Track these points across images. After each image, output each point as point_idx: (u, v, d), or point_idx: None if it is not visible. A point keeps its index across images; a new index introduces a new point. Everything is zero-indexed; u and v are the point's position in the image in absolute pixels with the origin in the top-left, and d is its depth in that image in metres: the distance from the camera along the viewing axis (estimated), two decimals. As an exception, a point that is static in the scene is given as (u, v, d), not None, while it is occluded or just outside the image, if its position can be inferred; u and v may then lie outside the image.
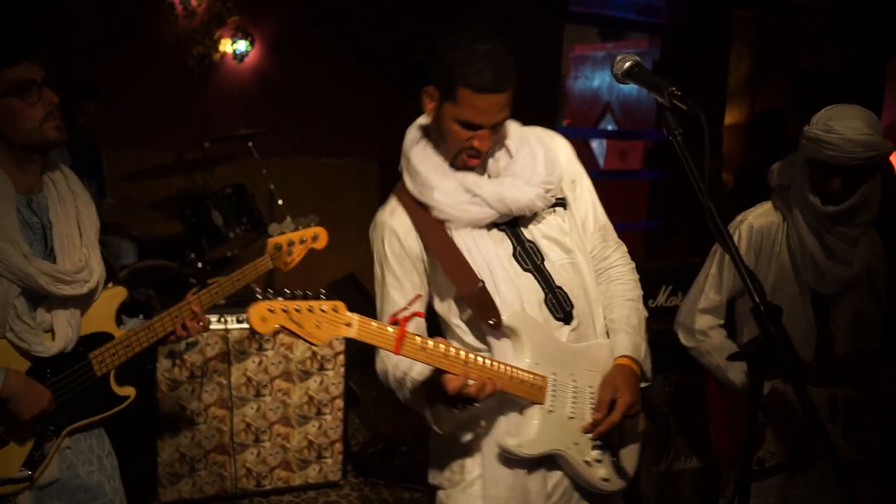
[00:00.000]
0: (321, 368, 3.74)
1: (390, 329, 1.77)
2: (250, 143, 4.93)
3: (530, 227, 2.00)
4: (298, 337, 1.72)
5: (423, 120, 2.04)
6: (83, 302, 2.11)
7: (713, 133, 6.29)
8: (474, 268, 1.93)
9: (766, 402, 2.44)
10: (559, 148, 2.09)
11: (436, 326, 2.09)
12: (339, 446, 3.83)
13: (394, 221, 2.01)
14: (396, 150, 2.09)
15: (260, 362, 3.64)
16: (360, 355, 3.76)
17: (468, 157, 1.93)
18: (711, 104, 6.57)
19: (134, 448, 3.42)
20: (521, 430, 1.94)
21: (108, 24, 5.07)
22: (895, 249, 2.62)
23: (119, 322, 2.24)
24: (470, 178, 1.95)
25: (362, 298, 4.75)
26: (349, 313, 1.75)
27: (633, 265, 2.17)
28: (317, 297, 1.74)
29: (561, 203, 2.04)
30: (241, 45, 5.59)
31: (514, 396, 1.92)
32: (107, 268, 2.22)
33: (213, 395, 3.58)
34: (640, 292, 2.15)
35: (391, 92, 6.09)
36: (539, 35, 6.04)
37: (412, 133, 2.04)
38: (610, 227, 2.17)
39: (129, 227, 4.82)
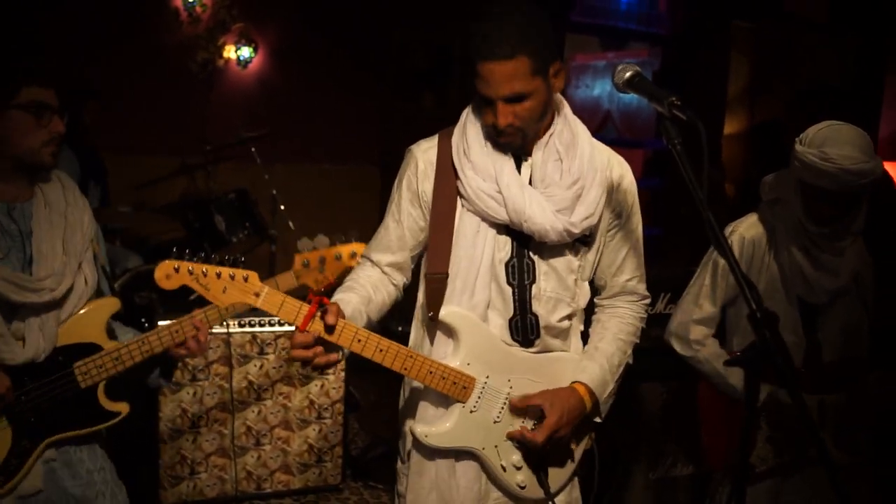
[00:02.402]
0: (322, 373, 3.76)
1: (300, 304, 1.78)
2: (253, 149, 4.96)
3: (539, 248, 1.94)
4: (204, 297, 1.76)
5: None
6: (53, 309, 2.04)
7: (713, 143, 6.32)
8: (457, 256, 1.92)
9: (763, 409, 2.46)
10: (626, 192, 2.01)
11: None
12: (338, 450, 3.84)
13: (423, 159, 1.99)
14: (396, 155, 2.10)
15: (261, 366, 3.66)
16: (360, 361, 3.78)
17: (496, 135, 1.87)
18: (711, 114, 6.60)
19: (135, 450, 3.44)
20: (437, 422, 1.94)
21: (114, 29, 5.12)
22: (883, 258, 2.65)
23: (112, 334, 2.20)
24: (507, 173, 1.89)
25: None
26: (260, 284, 1.79)
27: (646, 316, 2.13)
28: (233, 265, 1.78)
29: (583, 241, 1.98)
30: (245, 52, 5.64)
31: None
32: (104, 279, 2.20)
33: (214, 399, 3.60)
34: (636, 340, 2.11)
35: (391, 98, 6.13)
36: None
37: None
38: (642, 278, 2.12)
39: (136, 232, 4.84)
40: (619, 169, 2.01)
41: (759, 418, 2.46)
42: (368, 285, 2.00)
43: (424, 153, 1.99)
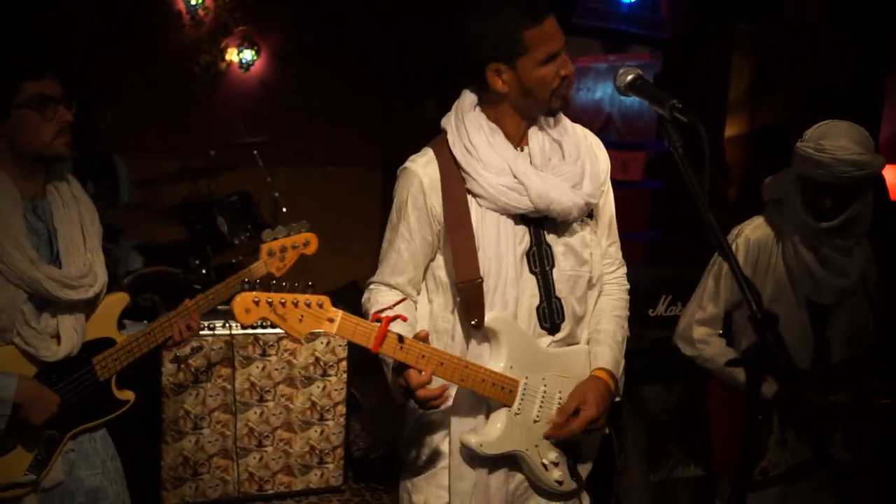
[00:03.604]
0: (324, 374, 3.78)
1: (373, 324, 1.80)
2: (255, 152, 4.98)
3: (554, 230, 1.99)
4: (278, 326, 1.77)
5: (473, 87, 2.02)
6: (87, 307, 2.14)
7: (714, 145, 6.32)
8: (486, 257, 1.93)
9: (774, 405, 2.45)
10: (603, 161, 2.09)
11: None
12: (340, 452, 3.86)
13: (425, 174, 1.97)
14: (398, 155, 2.10)
15: (263, 368, 3.67)
16: (362, 362, 3.79)
17: (564, 90, 1.93)
18: (712, 116, 6.61)
19: (138, 452, 3.45)
20: (486, 430, 1.95)
21: (118, 32, 5.13)
22: (887, 258, 2.66)
23: (121, 327, 2.27)
24: (519, 163, 1.93)
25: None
26: (333, 309, 1.79)
27: (628, 286, 2.18)
28: (304, 291, 1.78)
29: (589, 214, 2.04)
30: (248, 55, 5.65)
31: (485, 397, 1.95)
32: (108, 274, 2.24)
33: (216, 400, 3.61)
34: (628, 313, 2.16)
35: (395, 102, 6.14)
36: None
37: (469, 97, 2.01)
38: (618, 245, 2.17)
39: (139, 233, 4.85)
40: (595, 141, 2.10)
41: (770, 420, 2.46)
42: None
43: (425, 168, 1.98)
